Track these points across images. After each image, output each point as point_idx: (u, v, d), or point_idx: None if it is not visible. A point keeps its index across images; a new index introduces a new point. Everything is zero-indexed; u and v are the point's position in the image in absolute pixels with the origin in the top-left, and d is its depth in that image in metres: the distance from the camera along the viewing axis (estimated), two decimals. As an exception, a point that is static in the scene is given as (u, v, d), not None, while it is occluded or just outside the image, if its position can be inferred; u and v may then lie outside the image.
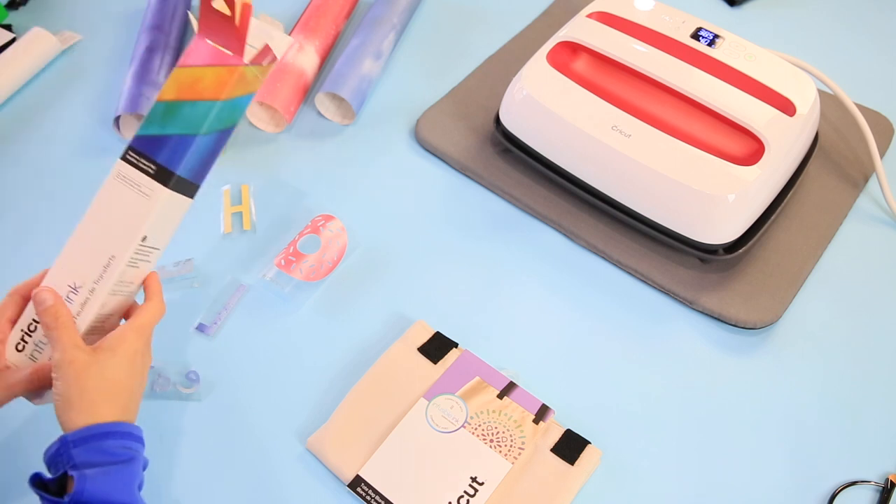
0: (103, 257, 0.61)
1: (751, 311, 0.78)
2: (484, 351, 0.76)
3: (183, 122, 0.62)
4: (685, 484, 0.70)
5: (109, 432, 0.54)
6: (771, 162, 0.76)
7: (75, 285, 0.61)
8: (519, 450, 0.70)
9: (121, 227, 0.61)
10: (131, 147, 0.63)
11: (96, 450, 0.53)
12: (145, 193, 0.61)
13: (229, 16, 0.61)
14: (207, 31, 0.63)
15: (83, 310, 0.61)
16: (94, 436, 0.53)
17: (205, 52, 0.64)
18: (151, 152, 0.62)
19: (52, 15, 1.10)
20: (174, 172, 0.62)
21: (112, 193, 0.62)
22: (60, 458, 0.53)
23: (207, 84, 0.62)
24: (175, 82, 0.63)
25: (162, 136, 0.62)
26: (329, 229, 0.83)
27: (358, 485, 0.69)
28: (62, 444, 0.53)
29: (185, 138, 0.62)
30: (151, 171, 0.62)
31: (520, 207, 0.88)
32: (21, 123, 0.98)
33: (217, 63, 0.63)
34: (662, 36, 0.84)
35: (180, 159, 0.62)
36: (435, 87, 0.99)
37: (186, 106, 0.62)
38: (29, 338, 0.62)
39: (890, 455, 0.71)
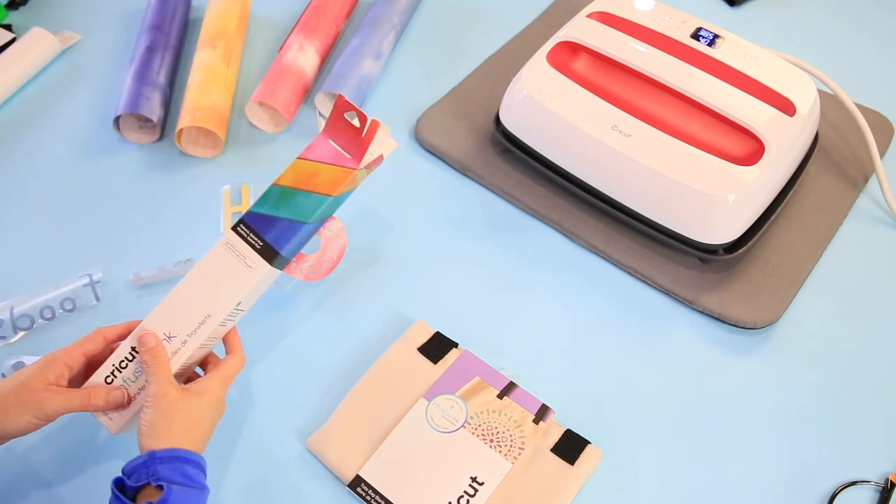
0: (200, 315, 0.66)
1: (751, 311, 0.78)
2: (484, 351, 0.76)
3: (295, 209, 0.69)
4: (685, 484, 0.70)
5: (190, 459, 0.59)
6: (771, 162, 0.76)
7: (170, 335, 0.66)
8: (519, 450, 0.70)
9: (221, 291, 0.67)
10: (243, 221, 0.69)
11: (179, 471, 0.58)
12: (249, 266, 0.68)
13: (357, 128, 0.70)
14: (332, 134, 0.72)
15: (173, 357, 0.66)
16: (178, 458, 0.58)
17: (326, 151, 0.72)
18: (261, 230, 0.69)
19: (52, 15, 1.10)
20: (279, 252, 0.68)
21: (218, 259, 0.68)
22: (146, 470, 0.57)
23: (323, 179, 0.70)
24: (294, 171, 0.71)
25: (273, 217, 0.69)
26: (329, 229, 0.83)
27: (358, 485, 0.69)
28: (150, 458, 0.58)
29: (294, 224, 0.69)
30: (258, 246, 0.68)
31: (520, 207, 0.88)
32: (21, 123, 0.98)
33: (335, 163, 0.71)
34: (662, 36, 0.84)
35: (287, 242, 0.68)
36: (435, 87, 0.99)
37: (301, 195, 0.70)
38: (119, 373, 0.66)
39: (890, 455, 0.71)
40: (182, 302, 0.67)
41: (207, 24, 1.00)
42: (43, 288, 0.81)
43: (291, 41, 0.98)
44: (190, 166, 0.93)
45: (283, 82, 0.94)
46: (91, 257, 0.85)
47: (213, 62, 0.96)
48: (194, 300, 0.67)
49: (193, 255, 0.84)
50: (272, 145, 0.95)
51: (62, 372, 0.64)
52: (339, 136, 0.72)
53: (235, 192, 0.90)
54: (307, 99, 0.99)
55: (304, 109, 0.98)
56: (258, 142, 0.95)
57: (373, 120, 0.69)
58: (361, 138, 0.70)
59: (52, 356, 0.64)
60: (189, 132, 0.94)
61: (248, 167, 0.93)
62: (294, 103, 0.95)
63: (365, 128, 0.70)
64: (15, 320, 0.79)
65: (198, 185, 0.92)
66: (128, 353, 0.66)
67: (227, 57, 0.97)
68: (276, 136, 0.96)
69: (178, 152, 0.94)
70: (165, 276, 0.83)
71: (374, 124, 0.69)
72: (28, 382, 0.62)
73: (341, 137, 0.72)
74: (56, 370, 0.63)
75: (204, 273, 0.68)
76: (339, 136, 0.72)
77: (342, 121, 0.71)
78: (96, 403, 0.64)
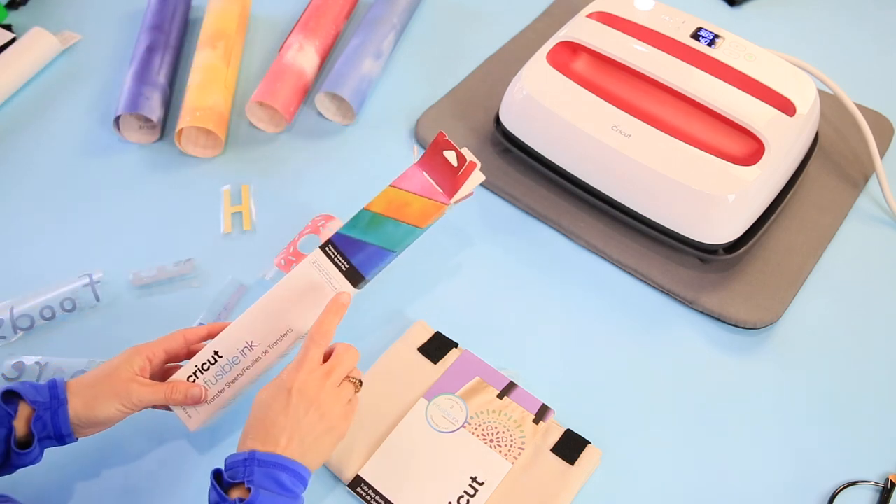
0: (283, 328, 0.68)
1: (751, 311, 0.78)
2: (484, 351, 0.76)
3: (384, 236, 0.70)
4: (685, 483, 0.70)
5: (288, 468, 0.59)
6: (771, 162, 0.76)
7: (252, 343, 0.68)
8: (519, 450, 0.70)
9: (304, 307, 0.68)
10: (332, 241, 0.70)
11: (273, 478, 0.58)
12: (334, 287, 0.69)
13: (455, 167, 0.70)
14: (427, 167, 0.72)
15: (253, 366, 0.68)
16: (277, 465, 0.58)
17: (419, 183, 0.72)
18: (349, 253, 0.70)
19: (52, 15, 1.10)
20: (364, 277, 0.69)
21: (305, 276, 0.69)
22: (243, 469, 0.58)
23: (414, 210, 0.71)
24: (385, 198, 0.71)
25: (361, 242, 0.70)
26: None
27: (358, 485, 0.69)
28: (250, 458, 0.58)
29: (382, 251, 0.70)
30: (344, 268, 0.69)
31: (520, 207, 0.88)
32: (21, 123, 0.98)
33: (427, 196, 0.71)
34: (662, 36, 0.84)
35: (372, 268, 0.69)
36: (435, 87, 0.99)
37: (391, 223, 0.71)
38: (200, 374, 0.68)
39: (890, 455, 0.71)
40: (267, 313, 0.69)
41: (207, 24, 1.01)
42: (43, 288, 0.81)
43: (291, 41, 0.98)
44: (190, 166, 0.93)
45: (283, 82, 0.94)
46: (91, 257, 0.85)
47: (213, 62, 0.96)
48: (279, 313, 0.68)
49: (193, 255, 0.84)
50: (272, 145, 0.95)
51: (145, 364, 0.66)
52: (434, 170, 0.72)
53: (235, 192, 0.90)
54: (307, 99, 0.99)
55: (304, 109, 0.98)
56: (258, 142, 0.95)
57: (471, 162, 0.70)
58: (457, 177, 0.71)
59: (136, 348, 0.67)
60: (189, 132, 0.94)
61: (248, 167, 0.93)
62: (294, 103, 0.95)
63: (462, 167, 0.70)
64: (15, 320, 0.79)
65: (198, 185, 0.92)
66: (210, 357, 0.68)
67: (227, 57, 0.97)
68: (276, 136, 0.96)
69: (178, 152, 0.94)
70: (165, 276, 0.83)
71: (471, 166, 0.70)
72: (117, 372, 0.65)
73: (436, 171, 0.72)
74: (139, 361, 0.66)
75: (290, 288, 0.69)
76: (433, 169, 0.72)
77: (439, 156, 0.71)
78: (177, 397, 0.66)
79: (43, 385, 0.64)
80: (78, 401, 0.63)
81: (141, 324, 0.80)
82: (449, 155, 0.71)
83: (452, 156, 0.71)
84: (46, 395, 0.63)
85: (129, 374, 0.65)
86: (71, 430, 0.63)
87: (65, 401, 0.63)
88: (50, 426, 0.62)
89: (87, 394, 0.64)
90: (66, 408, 0.62)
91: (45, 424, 0.62)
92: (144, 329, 0.79)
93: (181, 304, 0.81)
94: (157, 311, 0.81)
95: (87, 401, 0.63)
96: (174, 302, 0.82)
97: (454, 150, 0.71)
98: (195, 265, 0.83)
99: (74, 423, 0.63)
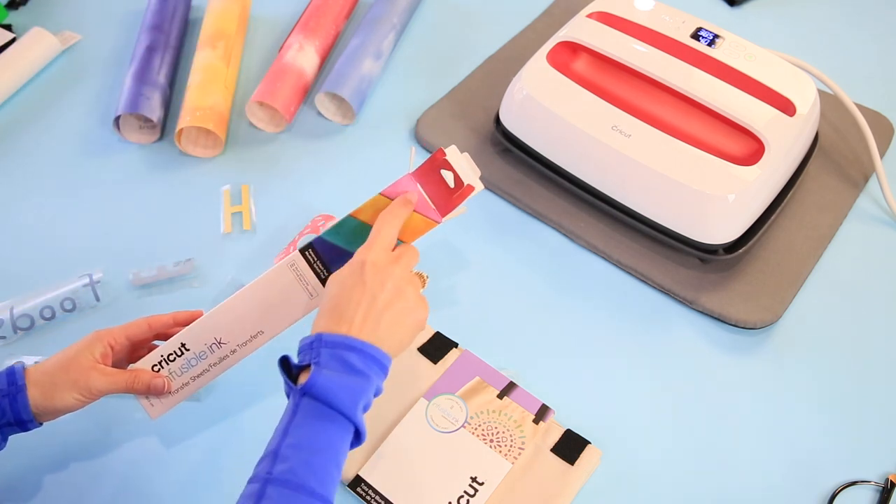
0: (253, 329, 0.67)
1: (751, 311, 0.78)
2: (484, 351, 0.76)
3: None
4: (685, 484, 0.70)
5: (356, 348, 0.57)
6: (771, 162, 0.76)
7: (221, 340, 0.67)
8: (519, 450, 0.70)
9: (278, 311, 0.67)
10: (312, 246, 0.67)
11: (339, 358, 0.56)
12: (310, 293, 0.67)
13: (452, 188, 0.67)
14: (422, 180, 0.67)
15: (220, 363, 0.68)
16: (343, 345, 0.56)
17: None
18: (329, 260, 0.66)
19: (52, 15, 1.10)
20: None
21: (281, 279, 0.67)
22: (311, 352, 0.57)
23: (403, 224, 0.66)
24: (373, 207, 0.66)
25: (343, 250, 0.66)
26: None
27: (358, 485, 0.69)
28: (317, 339, 0.57)
29: None
30: (323, 276, 0.66)
31: (520, 207, 0.88)
32: (21, 123, 0.98)
33: (419, 211, 0.67)
34: (662, 36, 0.84)
35: None
36: (435, 87, 0.99)
37: None
38: (166, 364, 0.67)
39: (890, 455, 0.71)
40: (239, 312, 0.67)
41: (207, 24, 1.01)
42: (43, 288, 0.81)
43: (291, 41, 0.98)
44: (190, 166, 0.93)
45: (283, 82, 0.94)
46: (91, 257, 0.85)
47: (213, 62, 0.96)
48: (251, 313, 0.67)
49: (193, 255, 0.84)
50: (272, 145, 0.95)
51: (106, 351, 0.65)
52: (429, 185, 0.67)
53: (235, 192, 0.90)
54: (307, 99, 0.99)
55: (304, 109, 0.98)
56: (258, 142, 0.95)
57: (468, 185, 0.66)
58: (452, 197, 0.67)
59: (98, 334, 0.65)
60: (189, 132, 0.94)
61: (248, 167, 0.93)
62: (294, 103, 0.95)
63: (459, 190, 0.67)
64: (15, 320, 0.79)
65: (198, 185, 0.92)
66: (177, 348, 0.67)
67: (227, 57, 0.97)
68: (276, 136, 0.96)
69: (178, 152, 0.94)
70: (165, 276, 0.83)
71: (468, 189, 0.66)
72: (77, 359, 0.63)
73: (431, 187, 0.67)
74: (101, 348, 0.64)
75: (265, 289, 0.67)
76: (428, 184, 0.67)
77: (436, 173, 0.67)
78: (139, 388, 0.66)
79: (1, 372, 0.63)
80: (36, 390, 0.62)
81: (141, 324, 0.80)
82: (446, 175, 0.67)
83: (450, 177, 0.67)
84: (4, 381, 0.62)
85: (90, 361, 0.64)
86: (32, 416, 0.62)
87: (23, 387, 0.62)
88: (9, 413, 0.62)
89: (45, 382, 0.63)
90: (25, 394, 0.62)
91: (4, 411, 0.61)
92: (144, 329, 0.80)
93: (181, 304, 0.81)
94: (157, 311, 0.81)
95: (44, 390, 0.62)
96: (174, 302, 0.82)
97: (452, 171, 0.67)
98: (195, 265, 0.83)
99: (34, 410, 0.62)
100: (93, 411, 0.75)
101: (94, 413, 0.74)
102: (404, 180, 0.67)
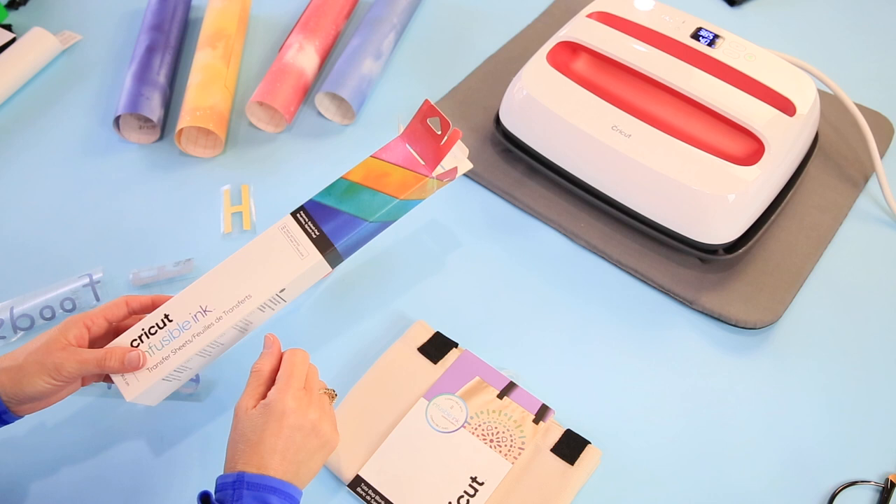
0: (241, 294, 0.66)
1: (751, 311, 0.78)
2: (484, 351, 0.76)
3: (358, 205, 0.69)
4: (685, 484, 0.70)
5: (277, 490, 0.58)
6: (771, 162, 0.76)
7: (206, 308, 0.65)
8: (519, 450, 0.70)
9: (267, 273, 0.66)
10: (304, 208, 0.69)
11: (261, 501, 0.57)
12: (301, 253, 0.67)
13: (438, 135, 0.69)
14: (410, 138, 0.72)
15: (204, 332, 0.65)
16: (266, 487, 0.57)
17: (401, 154, 0.71)
18: (320, 220, 0.68)
19: (52, 15, 1.10)
20: (333, 245, 0.67)
21: (271, 241, 0.67)
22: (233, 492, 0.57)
23: (393, 181, 0.70)
24: (364, 168, 0.70)
25: (335, 210, 0.69)
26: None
27: (358, 485, 0.69)
28: (239, 480, 0.57)
29: (355, 220, 0.68)
30: (314, 235, 0.68)
31: (520, 207, 0.88)
32: (21, 123, 0.98)
33: (408, 167, 0.71)
34: (662, 36, 0.84)
35: (343, 235, 0.68)
36: (435, 87, 0.99)
37: (367, 192, 0.69)
38: (146, 338, 0.65)
39: (890, 455, 0.71)
40: (226, 278, 0.66)
41: (207, 24, 1.01)
42: (43, 288, 0.81)
43: (291, 41, 0.98)
44: (190, 166, 0.93)
45: (283, 82, 0.94)
46: (91, 257, 0.85)
47: (213, 62, 0.96)
48: (238, 278, 0.66)
49: (193, 255, 0.84)
50: (272, 145, 0.95)
51: (82, 332, 0.63)
52: (417, 142, 0.71)
53: (235, 192, 0.90)
54: (307, 99, 0.99)
55: (304, 109, 0.98)
56: (258, 142, 0.95)
57: (454, 129, 0.69)
58: (439, 146, 0.70)
59: (74, 317, 0.63)
60: (189, 132, 0.94)
61: (248, 167, 0.93)
62: (294, 103, 0.95)
63: (445, 136, 0.69)
64: (15, 320, 0.79)
65: (198, 185, 0.92)
66: (160, 320, 0.65)
67: (227, 57, 0.97)
68: (276, 136, 0.96)
69: (178, 152, 0.94)
70: (165, 276, 0.83)
71: (454, 133, 0.69)
72: (48, 343, 0.61)
73: (419, 143, 0.71)
74: (75, 331, 0.62)
75: (254, 253, 0.67)
76: (416, 141, 0.71)
77: (423, 125, 0.70)
78: (112, 364, 0.62)
79: None
80: (4, 377, 0.60)
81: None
82: (433, 122, 0.70)
83: (436, 122, 0.70)
84: None
85: (62, 343, 0.61)
86: (5, 408, 0.61)
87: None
88: None
89: (13, 368, 0.60)
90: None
91: None
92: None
93: (181, 304, 0.81)
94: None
95: (12, 376, 0.60)
96: (174, 302, 0.82)
97: (439, 115, 0.69)
98: (195, 265, 0.83)
99: (7, 400, 0.60)
100: (93, 411, 0.75)
101: (94, 413, 0.75)
102: (394, 142, 0.71)
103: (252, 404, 0.61)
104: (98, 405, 0.75)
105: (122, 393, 0.64)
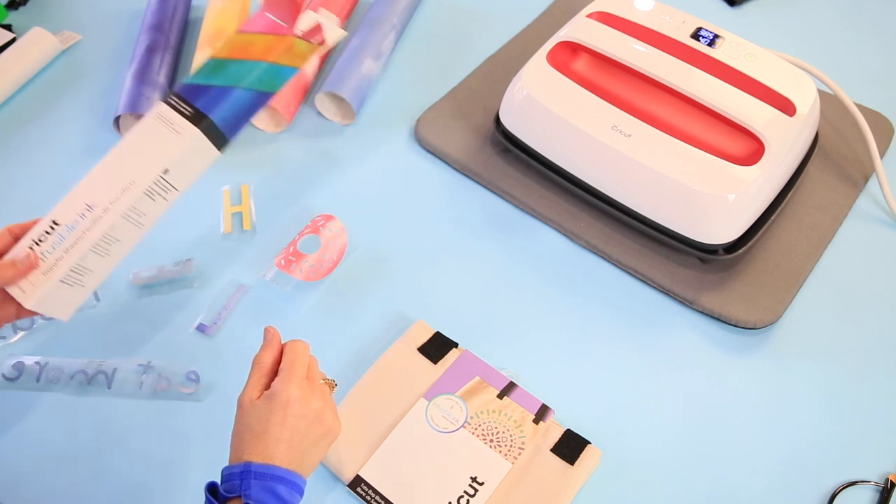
0: (124, 181, 0.65)
1: (751, 311, 0.78)
2: (484, 351, 0.76)
3: (227, 76, 0.69)
4: (685, 484, 0.70)
5: (284, 479, 0.58)
6: (771, 162, 0.76)
7: (91, 205, 0.65)
8: (519, 450, 0.70)
9: (147, 157, 0.66)
10: (174, 93, 0.69)
11: (269, 490, 0.57)
12: (177, 131, 0.67)
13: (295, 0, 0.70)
14: (270, 7, 0.72)
15: (93, 227, 0.64)
16: (272, 476, 0.58)
17: (262, 23, 0.73)
18: (191, 98, 0.68)
19: (52, 15, 1.10)
20: (207, 116, 0.68)
21: (147, 130, 0.68)
22: (239, 483, 0.57)
23: (258, 48, 0.71)
24: (229, 44, 0.71)
25: (204, 86, 0.69)
26: (329, 229, 0.83)
27: (358, 485, 0.69)
28: (246, 470, 0.57)
29: (225, 89, 0.69)
30: (188, 113, 0.68)
31: (520, 207, 0.88)
32: (21, 123, 0.98)
33: (270, 32, 0.72)
34: (662, 36, 0.84)
35: (216, 106, 0.68)
36: (435, 87, 0.99)
37: (234, 63, 0.70)
38: (37, 247, 0.64)
39: (890, 455, 0.71)
40: (107, 171, 0.66)
41: (207, 24, 1.00)
42: (43, 288, 0.81)
43: (291, 41, 0.98)
44: (190, 166, 0.93)
45: (283, 82, 0.94)
46: (91, 257, 0.85)
47: (213, 62, 0.96)
48: (119, 169, 0.66)
49: (193, 255, 0.84)
50: (272, 145, 0.95)
51: None
52: (276, 8, 0.72)
53: (235, 192, 0.90)
54: (307, 99, 0.99)
55: (304, 109, 0.98)
56: (258, 142, 0.95)
57: None
58: (297, 5, 0.71)
59: None
60: (189, 132, 0.94)
61: (248, 167, 0.93)
62: (294, 103, 0.95)
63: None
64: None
65: (198, 184, 0.91)
66: (47, 227, 0.65)
67: (227, 57, 0.97)
68: (276, 136, 0.96)
69: (178, 152, 0.94)
70: (165, 276, 0.83)
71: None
72: None
73: (278, 8, 0.72)
74: None
75: (131, 143, 0.67)
76: (275, 8, 0.73)
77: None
78: (4, 274, 0.63)
79: None
80: None
81: (141, 324, 0.80)
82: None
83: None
84: None
85: None
86: None
87: None
88: None
89: None
90: None
91: None
92: (144, 329, 0.80)
93: (181, 304, 0.81)
94: (157, 312, 0.81)
95: None
96: (174, 302, 0.82)
97: None
98: (195, 265, 0.83)
99: None
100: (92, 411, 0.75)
101: (94, 413, 0.75)
102: (255, 16, 0.74)
103: (256, 395, 0.62)
104: (98, 404, 0.75)
105: (21, 301, 0.63)
